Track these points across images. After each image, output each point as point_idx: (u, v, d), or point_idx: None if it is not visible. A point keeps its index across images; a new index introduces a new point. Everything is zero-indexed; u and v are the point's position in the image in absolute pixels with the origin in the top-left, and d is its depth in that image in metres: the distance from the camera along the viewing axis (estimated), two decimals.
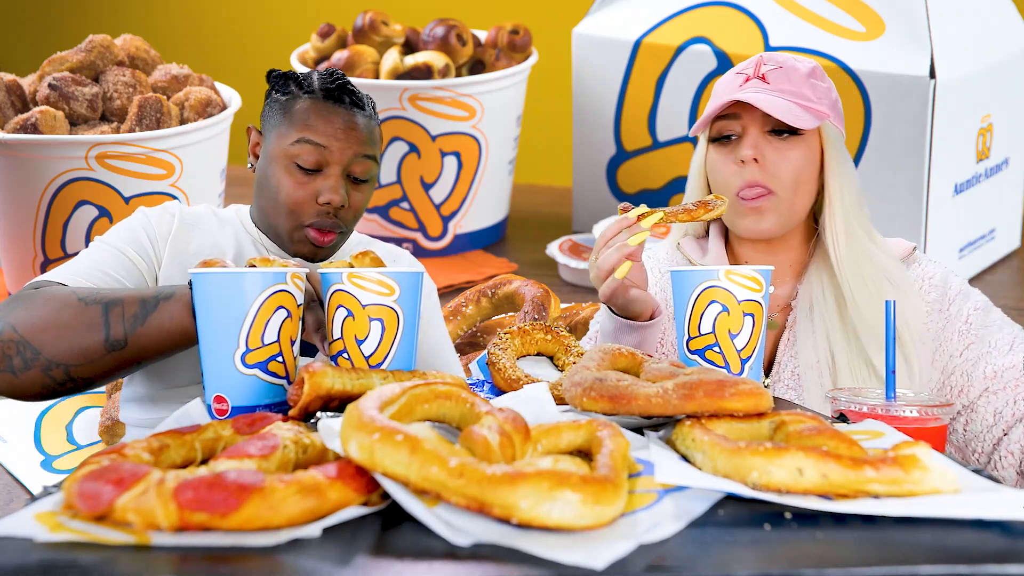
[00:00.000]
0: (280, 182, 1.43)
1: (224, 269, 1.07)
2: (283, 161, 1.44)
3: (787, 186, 1.35)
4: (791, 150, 1.35)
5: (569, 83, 2.98)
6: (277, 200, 1.44)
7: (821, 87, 1.37)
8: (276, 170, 1.44)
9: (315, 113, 1.45)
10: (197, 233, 1.46)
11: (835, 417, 1.10)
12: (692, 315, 1.15)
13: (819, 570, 0.68)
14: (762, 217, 1.36)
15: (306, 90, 1.47)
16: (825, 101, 1.36)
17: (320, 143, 1.42)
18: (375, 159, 1.48)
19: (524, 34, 2.95)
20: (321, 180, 1.43)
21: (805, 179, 1.36)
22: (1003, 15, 2.72)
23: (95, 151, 2.28)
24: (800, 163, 1.35)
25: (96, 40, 2.47)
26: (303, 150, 1.42)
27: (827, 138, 1.37)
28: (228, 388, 1.05)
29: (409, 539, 0.74)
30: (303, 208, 1.42)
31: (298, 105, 1.46)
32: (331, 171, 1.43)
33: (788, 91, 1.35)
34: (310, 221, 1.42)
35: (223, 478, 0.74)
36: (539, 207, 3.38)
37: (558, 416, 0.96)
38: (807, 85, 1.35)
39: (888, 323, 1.15)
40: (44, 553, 0.72)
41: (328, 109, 1.45)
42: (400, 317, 1.08)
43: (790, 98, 1.34)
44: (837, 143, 1.39)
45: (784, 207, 1.36)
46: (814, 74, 1.38)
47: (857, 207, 1.39)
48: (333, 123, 1.44)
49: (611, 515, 0.74)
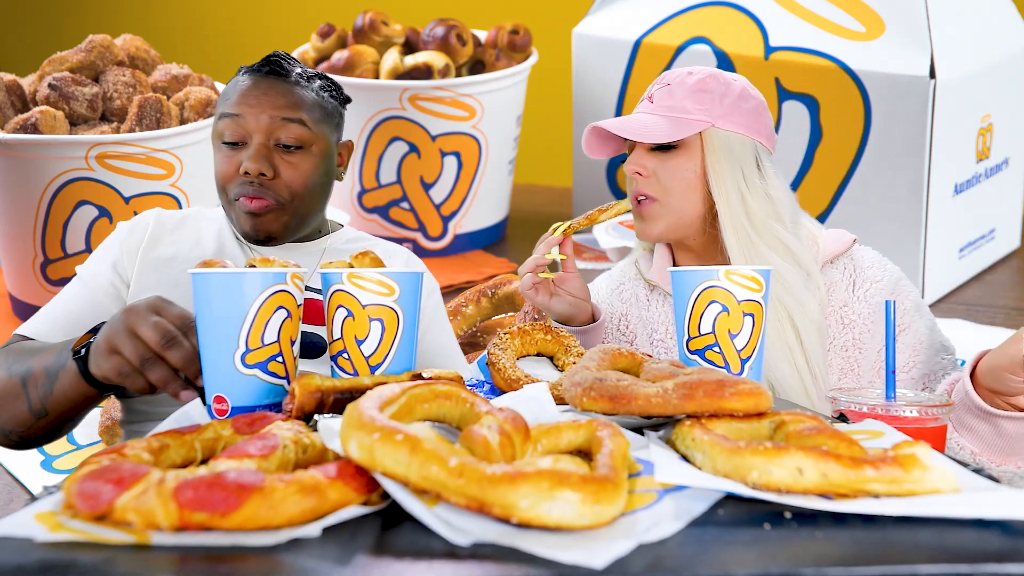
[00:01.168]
0: (215, 160, 1.44)
1: (224, 269, 1.07)
2: (214, 142, 1.45)
3: (670, 193, 1.40)
4: (671, 160, 1.40)
5: (569, 83, 2.98)
6: (216, 181, 1.44)
7: (707, 97, 1.39)
8: (214, 151, 1.45)
9: (233, 87, 1.45)
10: (176, 238, 1.46)
11: (835, 417, 1.10)
12: (692, 315, 1.15)
13: (819, 569, 0.68)
14: (646, 223, 1.43)
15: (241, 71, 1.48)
16: (707, 110, 1.39)
17: (234, 112, 1.42)
18: (303, 123, 1.43)
19: (524, 34, 2.95)
20: (244, 152, 1.42)
21: (688, 186, 1.40)
22: (1003, 15, 2.72)
23: (95, 151, 2.28)
24: (680, 172, 1.40)
25: (96, 40, 2.48)
26: (224, 125, 1.42)
27: (707, 146, 1.40)
28: (228, 388, 1.05)
29: (409, 539, 0.74)
30: (230, 181, 1.42)
31: (226, 87, 1.48)
32: (252, 140, 1.41)
33: (667, 107, 1.41)
34: (235, 192, 1.41)
35: (223, 478, 0.74)
36: (539, 207, 3.39)
37: (558, 416, 0.96)
38: (689, 98, 1.40)
39: (888, 323, 1.15)
40: (44, 553, 0.72)
41: (244, 80, 1.45)
42: (400, 317, 1.08)
43: (665, 113, 1.40)
44: (723, 149, 1.39)
45: (669, 212, 1.41)
46: (702, 85, 1.40)
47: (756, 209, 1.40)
48: (246, 91, 1.43)
49: (611, 515, 0.74)
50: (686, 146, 1.40)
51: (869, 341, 1.40)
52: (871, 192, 2.56)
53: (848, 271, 1.42)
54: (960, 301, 2.62)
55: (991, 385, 1.22)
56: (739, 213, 1.39)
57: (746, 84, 1.44)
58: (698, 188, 1.40)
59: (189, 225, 1.48)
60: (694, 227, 1.42)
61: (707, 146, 1.40)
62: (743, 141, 1.40)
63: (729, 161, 1.39)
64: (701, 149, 1.40)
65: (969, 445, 1.27)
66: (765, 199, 1.40)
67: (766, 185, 1.41)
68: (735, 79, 1.43)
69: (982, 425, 1.25)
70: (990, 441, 1.26)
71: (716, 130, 1.39)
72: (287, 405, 0.99)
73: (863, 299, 1.41)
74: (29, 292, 2.45)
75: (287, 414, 0.98)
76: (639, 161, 1.41)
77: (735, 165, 1.39)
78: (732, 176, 1.39)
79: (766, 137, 1.43)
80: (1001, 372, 1.19)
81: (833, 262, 1.43)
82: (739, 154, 1.40)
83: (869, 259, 1.44)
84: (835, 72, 2.53)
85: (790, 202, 1.43)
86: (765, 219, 1.39)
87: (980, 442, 1.26)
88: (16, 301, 2.53)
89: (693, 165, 1.40)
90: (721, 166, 1.39)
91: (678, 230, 1.43)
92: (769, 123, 1.44)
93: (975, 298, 2.64)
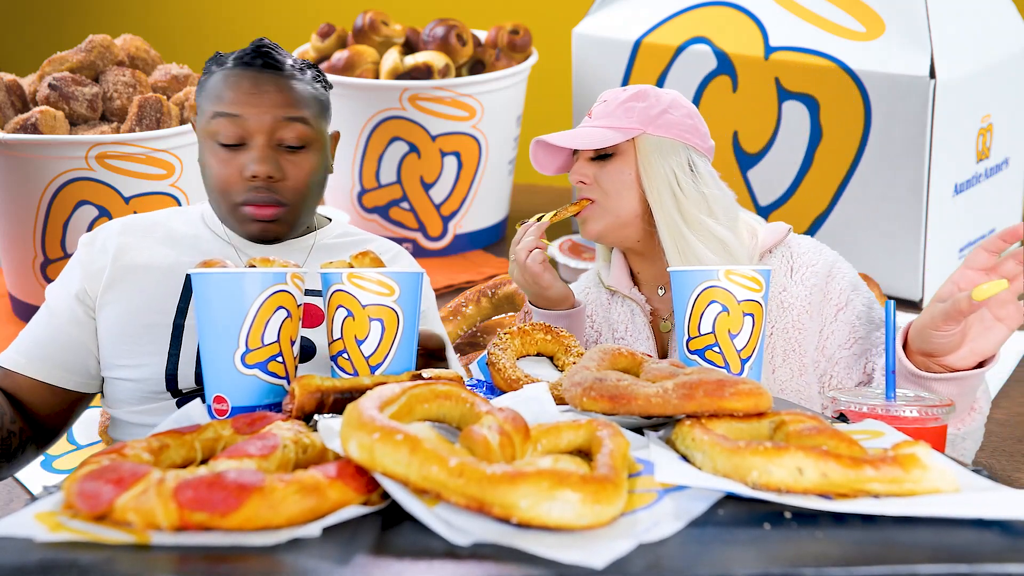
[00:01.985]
0: (207, 164, 1.37)
1: (224, 269, 1.07)
2: (207, 143, 1.37)
3: (607, 195, 1.50)
4: (608, 166, 1.50)
5: (569, 83, 2.98)
6: (210, 184, 1.38)
7: (637, 107, 1.50)
8: (204, 153, 1.38)
9: (224, 83, 1.37)
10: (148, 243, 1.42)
11: (835, 417, 1.10)
12: (692, 315, 1.15)
13: (819, 569, 0.68)
14: (587, 223, 1.52)
15: (221, 64, 1.40)
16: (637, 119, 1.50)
17: (232, 112, 1.34)
18: (305, 121, 1.38)
19: (524, 34, 2.95)
20: (245, 153, 1.35)
21: (623, 186, 1.50)
22: (1003, 15, 2.72)
23: (95, 151, 2.28)
24: (617, 176, 1.50)
25: (96, 40, 2.48)
26: (219, 125, 1.35)
27: (640, 150, 1.50)
28: (228, 388, 1.05)
29: (409, 539, 0.74)
30: (232, 186, 1.35)
31: (211, 80, 1.39)
32: (254, 142, 1.35)
33: (603, 120, 1.52)
34: (242, 198, 1.36)
35: (223, 478, 0.74)
36: (539, 207, 3.38)
37: (558, 416, 0.96)
38: (621, 109, 1.51)
39: (888, 323, 1.16)
40: (44, 553, 0.72)
41: (237, 75, 1.37)
42: (400, 317, 1.08)
43: (601, 124, 1.51)
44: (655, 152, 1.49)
45: (607, 212, 1.51)
46: (634, 97, 1.51)
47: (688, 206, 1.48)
48: (242, 89, 1.35)
49: (611, 514, 0.74)
50: (621, 152, 1.51)
51: (808, 322, 1.45)
52: (871, 192, 2.56)
53: (786, 258, 1.50)
54: None
55: (921, 347, 1.25)
56: (671, 210, 1.48)
57: (678, 96, 1.55)
58: (634, 189, 1.50)
59: (159, 231, 1.44)
60: (633, 226, 1.52)
61: (640, 151, 1.50)
62: (674, 145, 1.50)
63: (660, 163, 1.49)
64: (635, 154, 1.50)
65: None
66: (699, 197, 1.49)
67: (699, 184, 1.50)
68: (667, 92, 1.55)
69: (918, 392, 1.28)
70: None
71: (648, 136, 1.50)
72: (287, 405, 0.99)
73: (800, 283, 1.47)
74: (29, 292, 2.45)
75: (287, 414, 0.98)
76: (581, 170, 1.53)
77: (666, 167, 1.49)
78: (664, 177, 1.49)
79: (699, 140, 1.52)
80: (925, 329, 1.23)
81: (772, 251, 1.51)
82: (670, 157, 1.49)
83: (805, 246, 1.51)
84: (835, 72, 2.53)
85: (726, 200, 1.52)
86: (698, 215, 1.48)
87: None
88: (16, 301, 2.53)
89: (629, 169, 1.50)
90: (653, 168, 1.49)
91: (617, 229, 1.52)
92: (702, 129, 1.54)
93: None
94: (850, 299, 1.46)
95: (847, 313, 1.45)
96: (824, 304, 1.46)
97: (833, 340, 1.45)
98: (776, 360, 1.46)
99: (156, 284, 1.39)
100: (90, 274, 1.40)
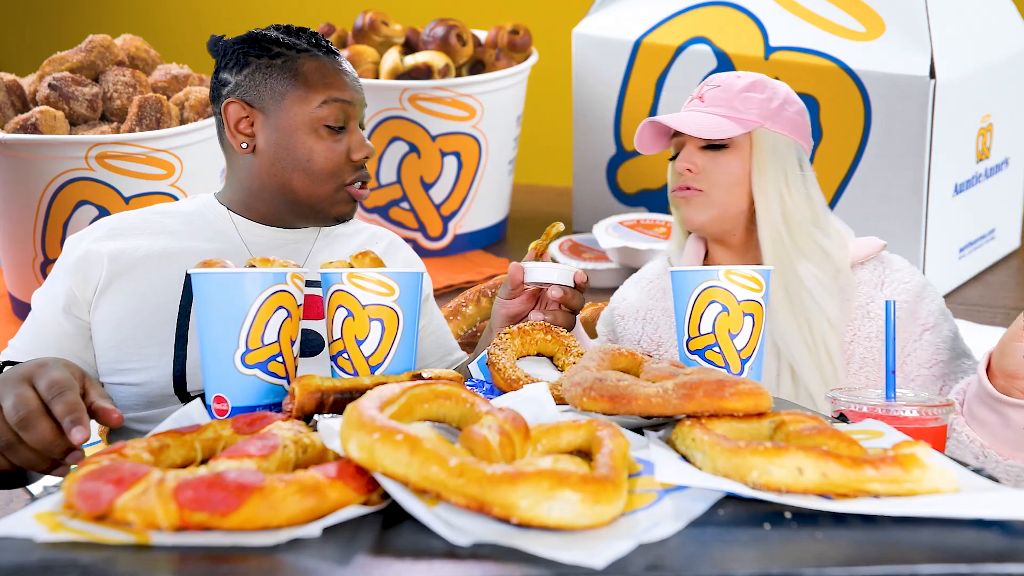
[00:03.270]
0: (312, 149, 1.40)
1: (224, 269, 1.07)
2: (310, 127, 1.40)
3: (714, 187, 1.46)
4: (721, 158, 1.46)
5: (569, 83, 2.98)
6: (311, 169, 1.40)
7: (756, 98, 1.46)
8: (302, 139, 1.40)
9: (330, 71, 1.42)
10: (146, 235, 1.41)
11: (835, 417, 1.10)
12: (692, 315, 1.15)
13: (819, 569, 0.68)
14: (692, 209, 1.48)
15: (300, 49, 1.43)
16: (756, 111, 1.45)
17: (345, 99, 1.41)
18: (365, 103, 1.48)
19: (524, 34, 2.95)
20: (348, 137, 1.42)
21: (735, 182, 1.46)
22: (1003, 15, 2.72)
23: (95, 151, 2.28)
24: (729, 169, 1.46)
25: (96, 40, 2.47)
26: (331, 111, 1.40)
27: (756, 145, 1.46)
28: (228, 388, 1.05)
29: (409, 539, 0.74)
30: (342, 169, 1.41)
31: (305, 66, 1.42)
32: (352, 126, 1.42)
33: (719, 106, 1.46)
34: (351, 179, 1.42)
35: (223, 478, 0.74)
36: (539, 207, 3.38)
37: (558, 416, 0.96)
38: (738, 98, 1.46)
39: (888, 323, 1.16)
40: (44, 553, 0.72)
41: (335, 64, 1.44)
42: (400, 317, 1.08)
43: (718, 112, 1.46)
44: (770, 149, 1.46)
45: (713, 204, 1.47)
46: (752, 87, 1.47)
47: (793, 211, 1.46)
48: (347, 77, 1.43)
49: (611, 514, 0.74)
50: (736, 145, 1.46)
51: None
52: (871, 192, 2.56)
53: (878, 271, 1.49)
54: (960, 301, 2.61)
55: (1000, 363, 1.23)
56: (776, 213, 1.45)
57: (789, 89, 1.50)
58: (744, 185, 1.46)
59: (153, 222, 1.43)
60: (735, 221, 1.48)
61: (756, 146, 1.46)
62: (788, 143, 1.46)
63: (774, 162, 1.45)
64: (750, 149, 1.46)
65: (979, 438, 1.29)
66: (806, 200, 1.47)
67: (807, 186, 1.47)
68: (779, 84, 1.50)
69: (991, 416, 1.27)
70: (998, 433, 1.27)
71: (765, 131, 1.45)
72: (287, 405, 0.99)
73: (890, 296, 1.45)
74: (29, 292, 2.45)
75: (287, 414, 0.98)
76: (690, 158, 1.47)
77: (779, 166, 1.46)
78: (774, 177, 1.45)
79: (806, 141, 1.49)
80: (1007, 343, 1.22)
81: (864, 263, 1.50)
82: (784, 156, 1.46)
83: (899, 264, 1.51)
84: (835, 72, 2.53)
85: (824, 205, 1.50)
86: (801, 220, 1.46)
87: (989, 435, 1.28)
88: (16, 301, 2.53)
89: (741, 163, 1.46)
90: (766, 166, 1.45)
91: (720, 222, 1.48)
92: (809, 128, 1.50)
93: (975, 298, 2.64)
94: (939, 322, 1.46)
95: (933, 335, 1.45)
96: (911, 322, 1.45)
97: (914, 358, 1.44)
98: (852, 366, 1.45)
99: (158, 275, 1.37)
100: (80, 281, 1.37)
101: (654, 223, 2.75)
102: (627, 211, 2.94)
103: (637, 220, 2.77)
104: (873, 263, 1.50)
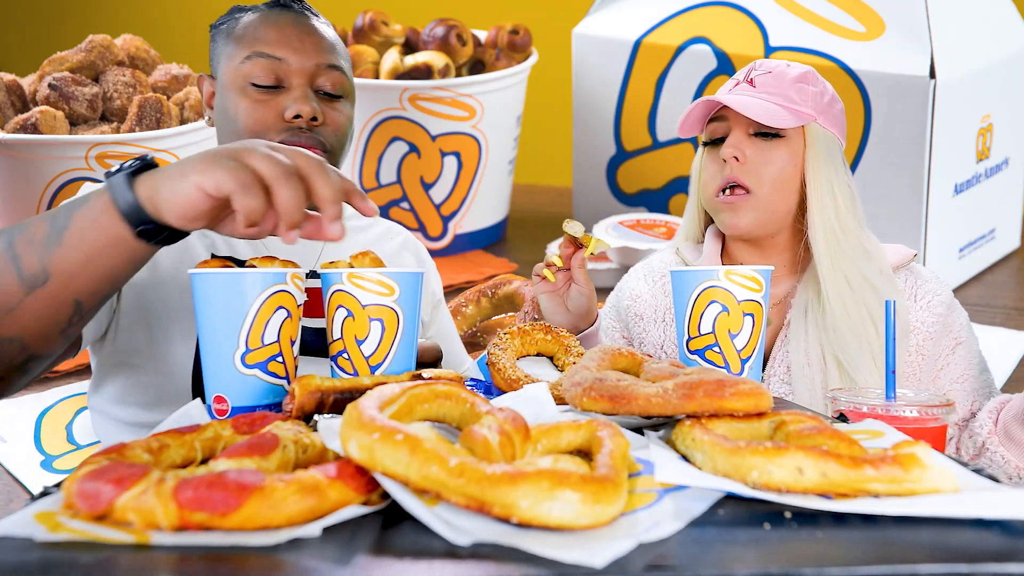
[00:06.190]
0: (236, 107, 1.27)
1: (224, 269, 1.07)
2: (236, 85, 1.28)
3: (765, 184, 1.39)
4: (772, 151, 1.38)
5: (569, 83, 2.98)
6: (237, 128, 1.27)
7: (810, 91, 1.39)
8: (230, 97, 1.28)
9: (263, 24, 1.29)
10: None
11: (835, 417, 1.10)
12: (692, 315, 1.15)
13: (819, 569, 0.68)
14: (737, 213, 1.40)
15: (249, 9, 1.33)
16: (811, 104, 1.39)
17: (274, 55, 1.27)
18: (343, 71, 1.32)
19: (524, 34, 2.95)
20: (284, 95, 1.28)
21: (785, 179, 1.39)
22: (1003, 15, 2.72)
23: (95, 151, 2.28)
24: (780, 164, 1.38)
25: (96, 40, 2.48)
26: (256, 66, 1.27)
27: (810, 140, 1.39)
28: (228, 388, 1.05)
29: (409, 539, 0.74)
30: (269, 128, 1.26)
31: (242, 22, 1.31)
32: (293, 84, 1.28)
33: (773, 93, 1.38)
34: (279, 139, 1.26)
35: (223, 477, 0.74)
36: (539, 207, 3.39)
37: (558, 416, 0.96)
38: (793, 88, 1.38)
39: (888, 323, 1.15)
40: (44, 553, 0.72)
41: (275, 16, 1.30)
42: (400, 317, 1.08)
43: (773, 99, 1.38)
44: (823, 146, 1.40)
45: (761, 205, 1.40)
46: (804, 79, 1.40)
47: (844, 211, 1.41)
48: (285, 31, 1.29)
49: (611, 514, 0.74)
50: (789, 139, 1.38)
51: (930, 348, 1.41)
52: (871, 192, 2.56)
53: (909, 282, 1.44)
54: (960, 301, 2.60)
55: None
56: (830, 210, 1.38)
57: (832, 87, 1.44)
58: (794, 183, 1.39)
59: None
60: (781, 223, 1.41)
61: (809, 140, 1.38)
62: (835, 140, 1.41)
63: (826, 158, 1.39)
64: (802, 143, 1.38)
65: (1014, 460, 1.27)
66: (852, 199, 1.41)
67: (852, 187, 1.41)
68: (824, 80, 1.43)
69: None
70: None
71: (818, 126, 1.39)
72: (287, 405, 0.99)
73: (925, 309, 1.42)
74: None
75: (287, 414, 0.98)
76: (738, 144, 1.38)
77: (832, 164, 1.39)
78: (826, 173, 1.39)
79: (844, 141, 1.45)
80: None
81: (895, 271, 1.45)
82: (834, 153, 1.40)
83: (928, 275, 1.46)
84: (835, 72, 2.53)
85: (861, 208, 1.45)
86: (851, 222, 1.40)
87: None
88: None
89: (793, 158, 1.39)
90: (820, 162, 1.38)
91: (766, 224, 1.41)
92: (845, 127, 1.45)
93: (975, 298, 2.64)
94: (968, 337, 1.44)
95: (964, 349, 1.42)
96: (944, 335, 1.43)
97: (948, 372, 1.42)
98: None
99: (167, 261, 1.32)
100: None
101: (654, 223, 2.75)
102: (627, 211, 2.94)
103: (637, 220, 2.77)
104: (903, 273, 1.45)
